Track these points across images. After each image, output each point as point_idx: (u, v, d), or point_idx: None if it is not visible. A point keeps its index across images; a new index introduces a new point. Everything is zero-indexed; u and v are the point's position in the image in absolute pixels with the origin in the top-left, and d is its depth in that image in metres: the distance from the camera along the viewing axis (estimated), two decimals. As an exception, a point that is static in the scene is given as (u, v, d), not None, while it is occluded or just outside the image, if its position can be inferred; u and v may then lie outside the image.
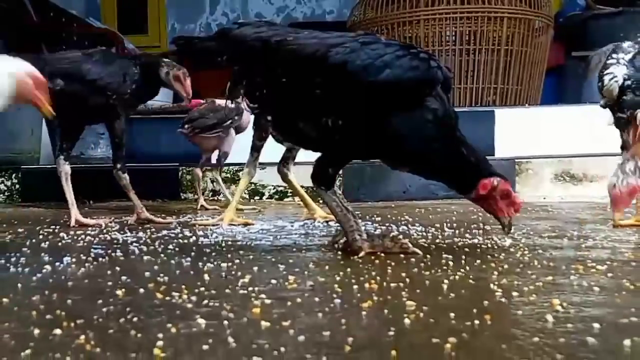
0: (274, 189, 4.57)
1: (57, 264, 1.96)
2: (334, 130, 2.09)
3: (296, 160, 3.57)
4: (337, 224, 2.36)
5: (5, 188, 4.78)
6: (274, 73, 2.11)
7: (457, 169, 2.13)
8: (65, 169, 3.21)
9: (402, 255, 2.06)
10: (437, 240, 2.41)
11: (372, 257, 2.06)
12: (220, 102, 3.76)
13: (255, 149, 3.26)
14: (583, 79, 5.30)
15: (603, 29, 6.64)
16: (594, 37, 6.64)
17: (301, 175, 4.31)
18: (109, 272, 1.86)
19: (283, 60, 2.09)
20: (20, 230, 2.84)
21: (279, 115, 2.28)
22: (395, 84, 2.04)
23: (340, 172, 4.50)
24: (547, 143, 4.93)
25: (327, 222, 3.11)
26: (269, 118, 2.54)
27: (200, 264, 1.94)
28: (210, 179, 3.54)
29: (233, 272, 1.81)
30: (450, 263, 1.91)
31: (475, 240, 2.40)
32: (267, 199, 4.55)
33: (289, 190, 4.48)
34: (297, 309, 1.38)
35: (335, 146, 2.17)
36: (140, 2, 9.49)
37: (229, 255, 2.09)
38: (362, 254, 2.06)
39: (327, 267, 1.86)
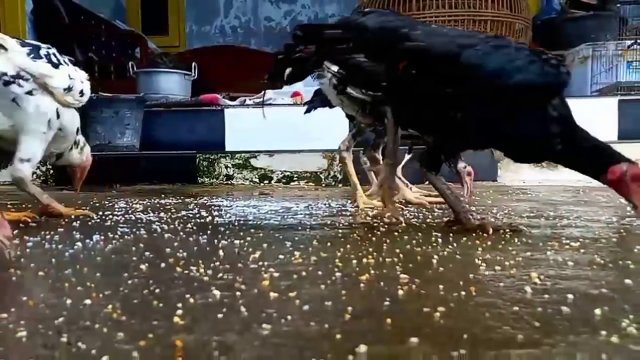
0: (281, 173, 4.56)
1: (87, 241, 1.96)
2: (458, 122, 2.05)
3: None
4: (337, 207, 2.35)
5: (41, 173, 4.79)
6: (398, 64, 2.06)
7: (580, 159, 2.09)
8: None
9: (396, 233, 2.06)
10: (428, 220, 2.40)
11: (370, 235, 2.06)
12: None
13: (359, 133, 3.09)
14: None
15: (576, 31, 6.63)
16: (568, 38, 6.63)
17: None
18: (133, 248, 1.86)
19: (411, 53, 2.04)
20: (54, 210, 2.84)
21: (401, 103, 2.20)
22: (527, 87, 2.00)
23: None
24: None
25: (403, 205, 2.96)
26: (387, 106, 2.36)
27: (215, 241, 1.94)
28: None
29: (245, 249, 1.80)
30: (440, 240, 1.91)
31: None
32: (275, 182, 4.55)
33: (295, 175, 4.48)
34: (302, 281, 1.38)
35: (454, 136, 2.13)
36: (161, 5, 9.48)
37: (241, 234, 2.09)
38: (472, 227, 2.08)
39: (329, 244, 1.86)
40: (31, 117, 2.35)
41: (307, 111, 3.67)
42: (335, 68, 2.40)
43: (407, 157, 3.55)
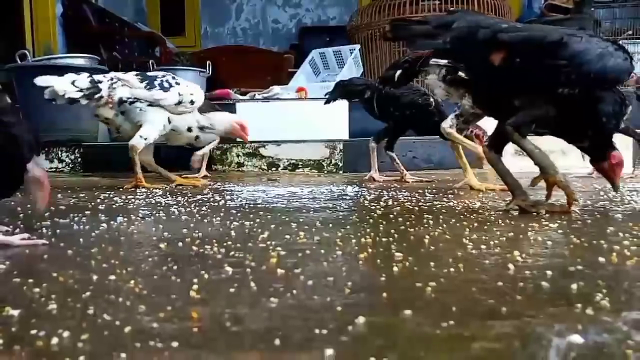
0: (287, 161, 4.56)
1: (112, 222, 1.96)
2: (547, 107, 2.03)
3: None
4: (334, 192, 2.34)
5: (70, 161, 4.78)
6: (494, 55, 2.02)
7: (606, 141, 2.09)
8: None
9: (391, 216, 2.06)
10: (420, 203, 2.40)
11: (367, 217, 2.06)
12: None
13: (462, 115, 2.88)
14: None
15: (555, 32, 6.60)
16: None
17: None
18: (153, 229, 1.86)
19: (513, 45, 2.01)
20: (81, 195, 2.85)
21: (493, 92, 2.17)
22: (617, 71, 1.99)
23: (341, 148, 4.54)
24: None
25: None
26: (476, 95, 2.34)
27: (228, 222, 1.94)
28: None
29: (254, 229, 1.80)
30: (431, 222, 1.91)
31: (451, 203, 2.39)
32: (281, 170, 4.55)
33: (299, 163, 4.48)
34: (306, 259, 1.37)
35: (537, 120, 2.09)
36: (179, 9, 9.47)
37: (251, 216, 2.09)
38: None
39: (330, 225, 1.86)
40: (151, 118, 3.11)
41: (327, 102, 3.70)
42: (444, 61, 2.41)
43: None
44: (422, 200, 2.49)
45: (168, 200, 2.62)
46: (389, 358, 0.77)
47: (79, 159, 4.79)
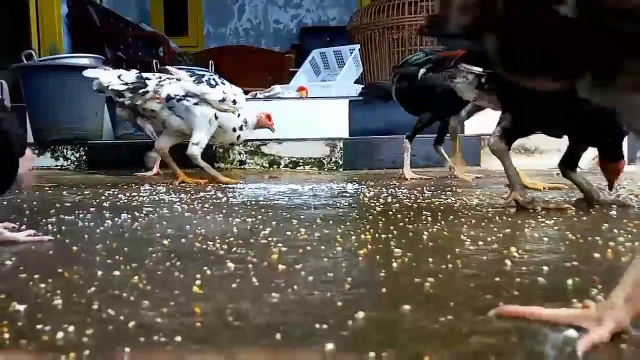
0: (288, 159, 4.56)
1: (116, 219, 1.96)
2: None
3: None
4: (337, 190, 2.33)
5: (75, 159, 4.78)
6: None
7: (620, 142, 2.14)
8: None
9: (390, 212, 2.06)
10: (419, 200, 2.40)
11: (367, 214, 2.06)
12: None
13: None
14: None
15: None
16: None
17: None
18: (157, 225, 1.86)
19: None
20: (86, 192, 2.84)
21: (515, 95, 2.16)
22: None
23: (341, 146, 4.54)
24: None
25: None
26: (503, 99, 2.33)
27: (230, 219, 1.94)
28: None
29: (256, 226, 1.80)
30: (429, 218, 1.91)
31: (449, 200, 2.39)
32: (283, 167, 4.55)
33: (300, 161, 4.48)
34: (307, 255, 1.37)
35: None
36: (182, 10, 9.47)
37: (253, 212, 2.09)
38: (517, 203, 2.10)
39: (330, 222, 1.86)
40: (198, 119, 3.21)
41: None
42: (477, 69, 2.42)
43: None
44: (421, 198, 2.49)
45: (171, 197, 2.61)
46: (388, 352, 0.77)
47: (84, 157, 4.79)
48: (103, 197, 2.60)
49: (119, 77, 3.10)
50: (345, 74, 6.02)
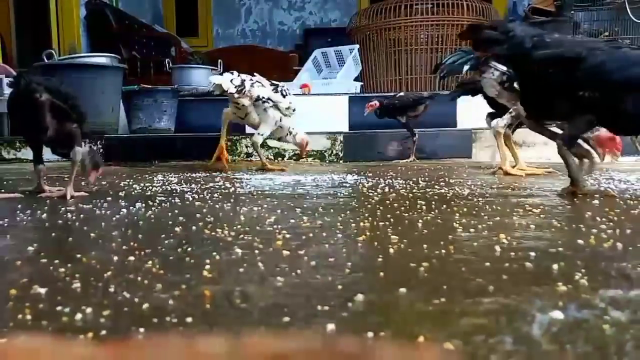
0: (292, 152, 4.56)
1: (131, 208, 1.96)
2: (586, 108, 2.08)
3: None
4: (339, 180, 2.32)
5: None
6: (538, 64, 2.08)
7: None
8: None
9: (387, 202, 2.06)
10: (414, 190, 2.40)
11: (365, 203, 2.05)
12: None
13: (515, 118, 3.02)
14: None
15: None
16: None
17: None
18: (169, 214, 1.85)
19: (548, 56, 2.06)
20: (103, 183, 2.84)
21: (537, 95, 2.19)
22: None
23: (342, 139, 4.53)
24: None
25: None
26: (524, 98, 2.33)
27: (237, 207, 1.94)
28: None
29: (262, 214, 1.80)
30: (424, 207, 1.90)
31: (442, 191, 2.38)
32: (287, 159, 4.55)
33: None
34: (309, 241, 1.37)
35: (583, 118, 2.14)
36: (193, 12, 9.45)
37: (259, 201, 2.09)
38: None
39: (332, 210, 1.86)
40: (269, 118, 3.67)
41: (452, 99, 3.75)
42: (503, 67, 2.42)
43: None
44: (416, 188, 2.48)
45: (182, 187, 2.61)
46: (385, 332, 0.77)
47: (101, 150, 4.79)
48: (118, 188, 2.60)
49: (231, 81, 3.55)
50: (346, 72, 6.01)
